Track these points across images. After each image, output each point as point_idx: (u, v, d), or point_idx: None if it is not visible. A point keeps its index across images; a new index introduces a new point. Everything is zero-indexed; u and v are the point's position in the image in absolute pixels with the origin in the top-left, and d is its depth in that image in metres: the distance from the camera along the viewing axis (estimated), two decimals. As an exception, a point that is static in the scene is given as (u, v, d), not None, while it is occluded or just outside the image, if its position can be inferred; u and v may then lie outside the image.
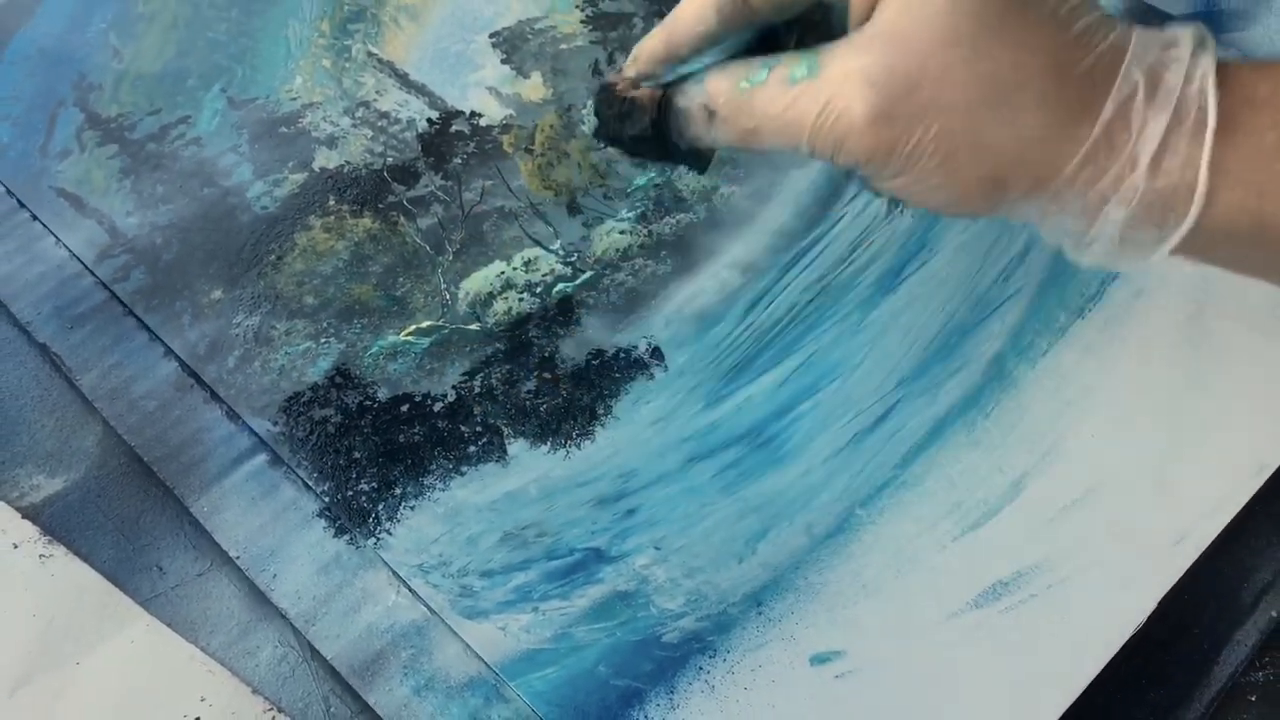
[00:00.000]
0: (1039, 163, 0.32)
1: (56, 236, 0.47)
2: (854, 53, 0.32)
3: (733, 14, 0.34)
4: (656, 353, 0.45)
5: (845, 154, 0.33)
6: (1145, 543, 0.41)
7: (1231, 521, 0.41)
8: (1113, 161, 0.32)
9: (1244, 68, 0.32)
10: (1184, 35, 0.32)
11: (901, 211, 0.48)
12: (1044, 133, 0.32)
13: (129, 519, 0.42)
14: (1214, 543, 0.41)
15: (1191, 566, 0.40)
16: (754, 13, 0.34)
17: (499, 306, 0.46)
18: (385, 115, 0.51)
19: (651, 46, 0.36)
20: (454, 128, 0.51)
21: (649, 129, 0.36)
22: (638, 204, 0.48)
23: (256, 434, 0.43)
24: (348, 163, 0.50)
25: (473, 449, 0.43)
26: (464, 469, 0.42)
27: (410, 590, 0.40)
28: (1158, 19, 0.54)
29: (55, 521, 0.42)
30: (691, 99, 0.36)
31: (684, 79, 0.36)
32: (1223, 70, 0.32)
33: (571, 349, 0.45)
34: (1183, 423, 0.43)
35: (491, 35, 0.54)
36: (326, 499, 0.41)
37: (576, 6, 0.55)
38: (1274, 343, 0.45)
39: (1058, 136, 0.32)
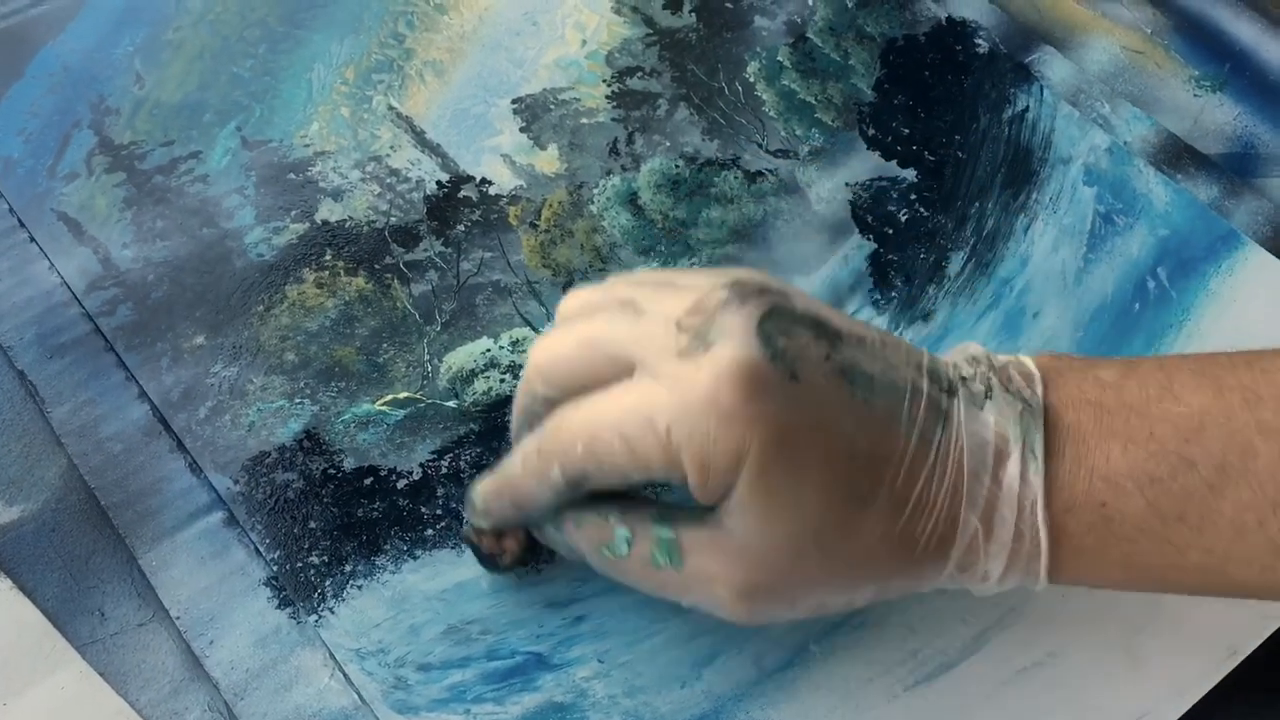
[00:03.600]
0: (908, 591, 0.36)
1: (51, 261, 0.47)
2: (715, 557, 0.34)
3: (569, 493, 0.36)
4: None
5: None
6: (1101, 718, 0.39)
7: (1194, 706, 0.40)
8: (970, 577, 0.36)
9: (1064, 464, 0.35)
10: (1013, 443, 0.35)
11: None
12: (906, 582, 0.36)
13: (79, 558, 0.41)
14: (1173, 727, 0.39)
15: (1147, 749, 0.39)
16: (588, 488, 0.36)
17: (479, 385, 0.45)
18: (395, 172, 0.51)
19: (500, 510, 0.38)
20: (462, 193, 0.50)
21: (524, 561, 0.40)
22: (635, 294, 0.47)
23: (216, 490, 0.42)
24: (350, 218, 0.49)
25: (430, 532, 0.42)
26: (418, 553, 0.41)
27: (344, 675, 0.39)
28: (1191, 160, 0.53)
29: (7, 551, 0.41)
30: (556, 543, 0.38)
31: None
32: (1046, 479, 0.35)
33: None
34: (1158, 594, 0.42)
35: (514, 101, 0.53)
36: (275, 567, 0.41)
37: (604, 80, 0.54)
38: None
39: (918, 580, 0.36)
